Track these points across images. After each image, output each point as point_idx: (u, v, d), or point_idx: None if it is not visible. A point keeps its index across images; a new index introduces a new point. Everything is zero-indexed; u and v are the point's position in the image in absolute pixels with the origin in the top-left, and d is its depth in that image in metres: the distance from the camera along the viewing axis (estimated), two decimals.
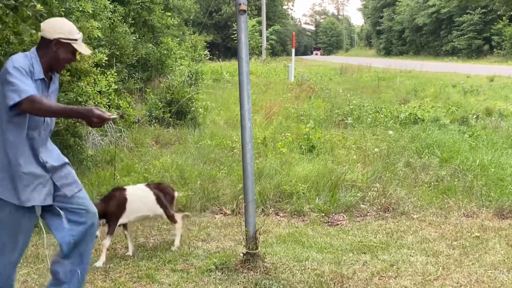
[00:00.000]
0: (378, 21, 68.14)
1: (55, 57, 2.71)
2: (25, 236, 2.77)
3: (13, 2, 3.81)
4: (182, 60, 14.58)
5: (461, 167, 6.27)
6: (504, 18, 38.94)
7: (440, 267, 3.89)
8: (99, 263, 3.90)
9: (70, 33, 2.72)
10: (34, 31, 3.82)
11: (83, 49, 2.78)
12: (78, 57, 5.93)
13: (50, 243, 4.32)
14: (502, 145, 7.65)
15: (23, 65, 2.58)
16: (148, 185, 4.33)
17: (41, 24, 2.78)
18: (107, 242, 3.98)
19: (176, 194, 4.45)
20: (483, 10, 43.15)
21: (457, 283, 3.63)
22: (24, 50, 5.47)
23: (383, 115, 10.24)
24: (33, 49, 2.73)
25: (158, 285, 3.59)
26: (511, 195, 5.39)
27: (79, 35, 2.76)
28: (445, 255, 4.14)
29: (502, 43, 38.52)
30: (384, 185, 5.66)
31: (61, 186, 2.79)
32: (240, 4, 3.59)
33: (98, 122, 2.53)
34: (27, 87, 2.51)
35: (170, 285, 3.59)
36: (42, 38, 2.73)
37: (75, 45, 2.73)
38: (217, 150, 7.41)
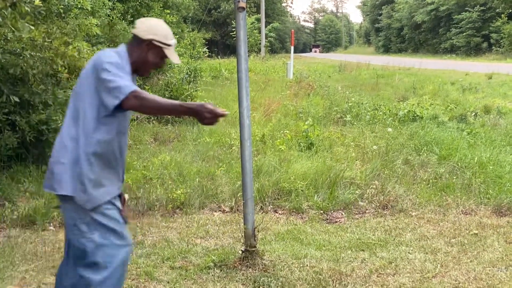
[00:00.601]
0: (377, 18, 68.17)
1: (144, 58, 2.53)
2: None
3: None
4: (181, 58, 14.54)
5: (459, 164, 6.28)
6: (502, 15, 38.99)
7: (439, 265, 3.89)
8: None
9: (165, 37, 2.53)
10: (33, 28, 3.82)
11: (174, 57, 2.58)
12: (76, 54, 5.95)
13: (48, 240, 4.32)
14: (500, 142, 7.66)
15: (118, 60, 2.39)
16: None
17: (136, 21, 2.59)
18: None
19: (126, 196, 4.37)
20: (481, 8, 43.19)
21: (456, 281, 3.64)
22: (23, 48, 5.46)
23: (382, 112, 10.23)
24: (123, 47, 2.54)
25: (156, 283, 3.59)
26: (510, 193, 5.39)
27: (173, 41, 2.57)
28: (444, 252, 4.15)
29: (501, 41, 38.56)
30: (382, 183, 5.66)
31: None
32: (239, 2, 3.58)
33: (210, 118, 2.27)
34: (128, 82, 2.29)
35: (168, 282, 3.60)
36: (135, 36, 2.53)
37: (166, 51, 2.54)
38: (215, 147, 7.41)
